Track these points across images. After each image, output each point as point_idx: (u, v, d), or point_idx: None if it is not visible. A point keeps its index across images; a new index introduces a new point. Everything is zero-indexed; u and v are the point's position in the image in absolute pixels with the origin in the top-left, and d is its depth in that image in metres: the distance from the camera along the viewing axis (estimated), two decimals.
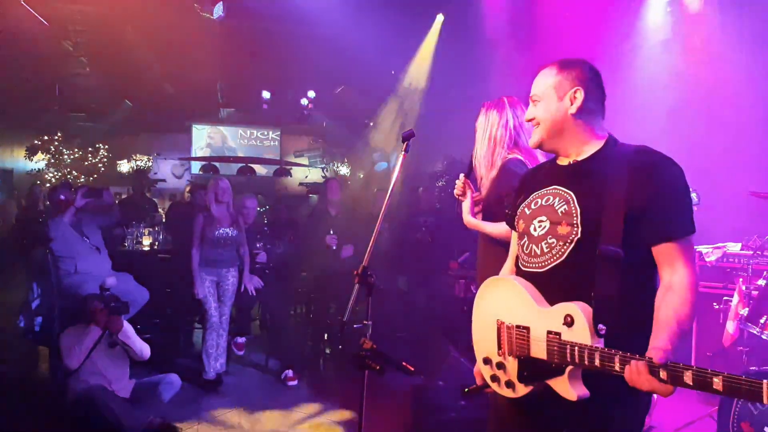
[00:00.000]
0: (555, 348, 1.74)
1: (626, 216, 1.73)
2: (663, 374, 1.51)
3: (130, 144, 11.90)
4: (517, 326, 1.86)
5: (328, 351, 5.99)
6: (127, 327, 4.11)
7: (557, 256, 1.83)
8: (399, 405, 4.42)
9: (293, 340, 5.71)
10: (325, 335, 5.91)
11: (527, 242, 1.94)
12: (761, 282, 3.73)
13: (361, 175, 11.54)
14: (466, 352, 4.31)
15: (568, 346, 1.69)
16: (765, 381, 1.34)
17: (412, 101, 9.61)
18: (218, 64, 9.20)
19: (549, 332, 1.76)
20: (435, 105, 9.14)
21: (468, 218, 2.97)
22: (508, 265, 2.19)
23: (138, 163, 11.32)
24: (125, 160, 11.56)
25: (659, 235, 1.75)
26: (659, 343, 1.62)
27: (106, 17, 7.90)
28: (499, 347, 1.93)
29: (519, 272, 1.98)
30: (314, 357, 5.87)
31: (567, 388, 1.72)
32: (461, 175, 3.03)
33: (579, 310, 1.69)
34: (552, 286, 1.84)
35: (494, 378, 1.95)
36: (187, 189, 7.75)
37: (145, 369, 4.54)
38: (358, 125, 11.44)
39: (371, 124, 11.34)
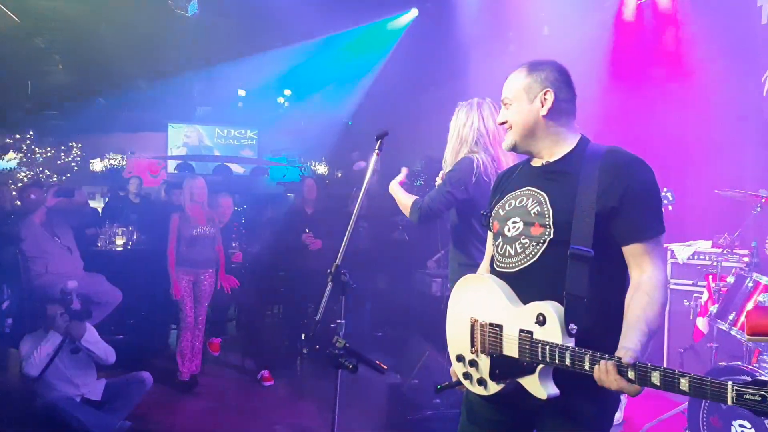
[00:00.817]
0: (527, 346, 1.75)
1: (597, 216, 1.76)
2: (631, 374, 1.54)
3: (104, 143, 11.71)
4: (491, 324, 1.88)
5: (305, 351, 5.97)
6: (90, 332, 3.99)
7: (530, 256, 1.86)
8: (375, 404, 4.42)
9: (270, 341, 5.69)
10: (303, 335, 5.89)
11: (501, 243, 1.96)
12: (730, 279, 3.79)
13: (339, 174, 11.50)
14: (443, 351, 4.34)
15: (540, 345, 1.71)
16: (730, 382, 1.36)
17: (392, 100, 9.60)
18: (193, 62, 9.11)
19: (521, 330, 1.77)
20: (414, 104, 9.15)
21: (392, 184, 3.15)
22: (484, 265, 2.21)
23: (111, 162, 11.14)
24: (98, 159, 11.37)
25: (629, 235, 1.77)
26: (628, 343, 1.63)
27: (78, 14, 7.77)
28: (473, 345, 1.94)
29: (494, 272, 1.99)
30: (291, 357, 5.84)
31: (538, 386, 1.74)
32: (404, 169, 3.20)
33: (551, 309, 1.72)
34: (525, 285, 1.86)
35: (467, 375, 1.96)
36: (162, 189, 7.65)
37: (119, 369, 4.46)
38: (337, 124, 11.40)
39: (350, 123, 11.31)
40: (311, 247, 5.82)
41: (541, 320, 1.72)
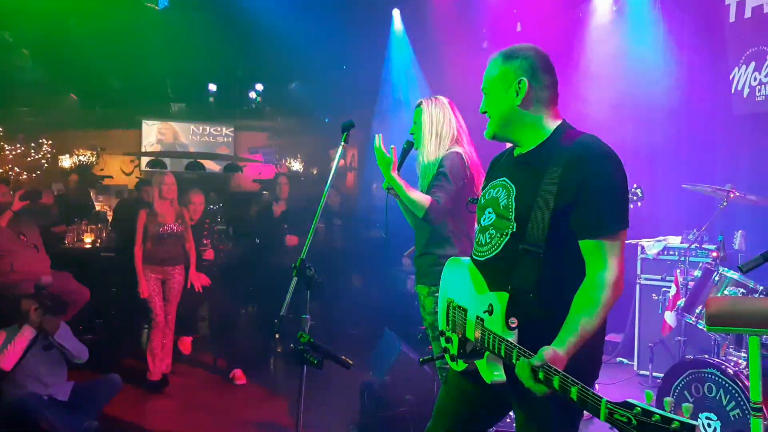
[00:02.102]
0: (479, 332, 1.83)
1: (554, 210, 1.74)
2: (540, 375, 1.57)
3: (75, 139, 11.52)
4: (460, 307, 1.97)
5: (279, 350, 5.92)
6: (64, 328, 3.94)
7: (495, 247, 1.88)
8: (346, 401, 4.39)
9: (242, 339, 5.62)
10: (276, 334, 5.84)
11: (478, 231, 2.00)
12: (697, 273, 3.84)
13: (315, 171, 11.46)
14: (415, 348, 4.33)
15: (487, 333, 1.78)
16: (604, 399, 1.40)
17: (368, 96, 9.58)
18: (166, 57, 8.98)
19: (477, 317, 1.85)
20: (390, 101, 9.14)
21: (391, 174, 2.92)
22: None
23: (81, 158, 10.94)
24: (67, 155, 11.17)
25: (583, 230, 1.74)
26: (556, 343, 1.65)
27: (48, 7, 7.61)
28: (447, 323, 2.06)
29: (471, 259, 2.04)
30: (264, 356, 5.79)
31: (485, 370, 1.83)
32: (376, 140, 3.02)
33: (497, 301, 1.76)
34: (489, 275, 1.90)
35: (445, 350, 2.10)
36: (134, 186, 7.54)
37: (87, 370, 4.38)
38: (313, 121, 11.35)
39: (327, 120, 11.27)
40: (288, 243, 5.76)
41: (490, 310, 1.79)
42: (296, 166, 12.55)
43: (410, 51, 8.35)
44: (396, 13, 8.47)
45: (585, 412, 1.50)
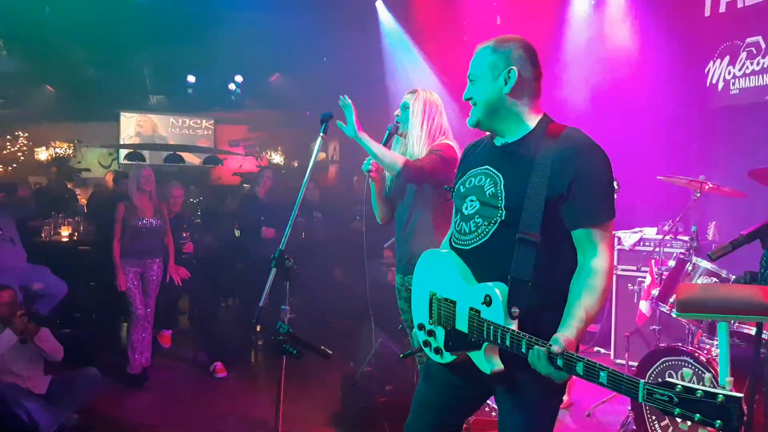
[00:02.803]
0: (475, 324, 1.82)
1: (547, 200, 1.77)
2: (560, 362, 1.60)
3: (52, 132, 11.33)
4: (446, 299, 1.95)
5: (260, 343, 5.91)
6: (43, 332, 3.90)
7: (482, 235, 1.89)
8: (327, 392, 4.41)
9: (223, 332, 5.60)
10: (258, 327, 5.82)
11: (459, 220, 1.99)
12: (671, 263, 3.90)
13: (296, 164, 11.41)
14: (397, 339, 4.35)
15: (486, 324, 1.78)
16: (642, 381, 1.43)
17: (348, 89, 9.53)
18: (144, 48, 8.86)
19: (471, 309, 1.84)
20: (370, 94, 9.11)
21: (360, 133, 2.94)
22: (448, 238, 2.22)
23: (58, 150, 10.77)
24: (44, 148, 10.99)
25: (576, 220, 1.79)
26: (564, 330, 1.69)
27: None
28: (430, 317, 2.03)
29: (452, 248, 2.02)
30: (245, 349, 5.78)
31: (483, 361, 1.82)
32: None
33: (496, 292, 1.77)
34: (477, 264, 1.91)
35: (426, 343, 2.07)
36: (111, 177, 7.43)
37: (65, 364, 4.33)
38: (294, 114, 11.28)
39: (308, 113, 11.20)
40: (264, 235, 5.75)
41: (488, 301, 1.78)
42: (277, 159, 12.49)
43: (394, 43, 8.34)
44: (380, 5, 8.44)
45: (564, 398, 1.54)
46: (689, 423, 3.15)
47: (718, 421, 1.32)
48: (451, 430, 2.14)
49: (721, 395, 1.31)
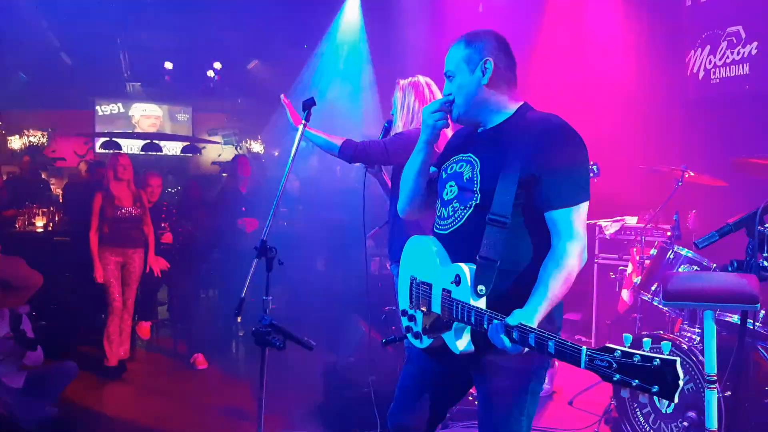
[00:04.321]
0: (446, 304, 1.86)
1: (519, 182, 1.79)
2: (515, 335, 1.62)
3: (25, 120, 11.05)
4: (423, 282, 2.00)
5: (240, 333, 5.85)
6: (28, 355, 3.84)
7: (458, 219, 1.93)
8: (310, 382, 4.38)
9: (203, 323, 5.53)
10: (238, 317, 5.75)
11: (439, 205, 2.03)
12: (653, 252, 3.92)
13: (276, 153, 11.28)
14: (378, 329, 4.33)
15: (455, 303, 1.81)
16: (584, 347, 1.43)
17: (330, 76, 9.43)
18: (120, 34, 8.66)
19: (443, 289, 1.88)
20: (353, 82, 9.04)
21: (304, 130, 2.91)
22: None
23: (31, 139, 10.52)
24: (17, 136, 10.72)
25: (548, 202, 1.81)
26: (527, 306, 1.72)
27: None
28: (411, 301, 2.07)
29: (433, 233, 2.06)
30: (226, 340, 5.71)
31: (453, 341, 1.85)
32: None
33: (465, 271, 1.80)
34: (453, 248, 1.94)
35: (408, 329, 2.11)
36: (84, 168, 7.27)
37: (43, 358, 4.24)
38: (273, 102, 11.14)
39: (282, 96, 11.07)
40: (248, 229, 5.67)
41: (457, 280, 1.82)
42: (257, 147, 12.35)
43: (370, 31, 8.26)
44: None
45: (545, 387, 1.52)
46: (670, 408, 3.20)
47: (655, 386, 1.31)
48: (434, 417, 2.13)
49: (657, 359, 1.31)
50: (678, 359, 1.32)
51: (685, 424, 3.10)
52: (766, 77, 4.81)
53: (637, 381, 1.33)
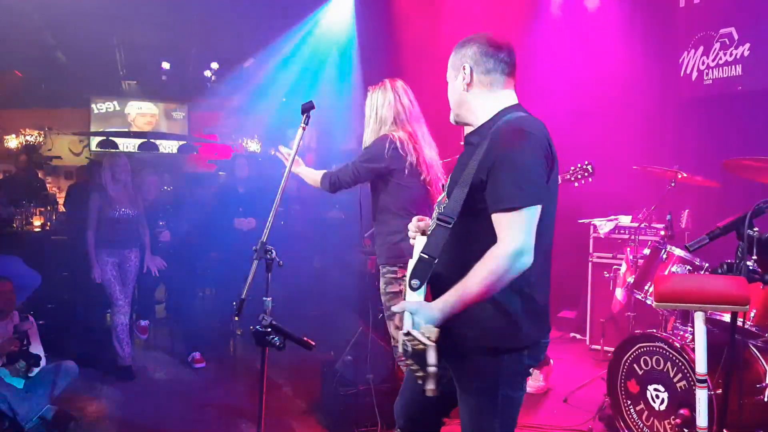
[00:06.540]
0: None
1: (471, 185, 1.84)
2: (397, 321, 1.75)
3: (20, 118, 11.01)
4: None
5: (239, 332, 5.88)
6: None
7: (434, 221, 2.03)
8: (308, 381, 4.42)
9: (201, 322, 5.55)
10: (236, 317, 5.78)
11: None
12: (646, 251, 3.97)
13: (272, 152, 11.28)
14: (376, 327, 4.37)
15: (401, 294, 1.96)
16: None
17: (325, 77, 9.44)
18: (116, 33, 8.64)
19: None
20: (347, 83, 9.04)
21: (297, 169, 3.41)
22: None
23: (28, 138, 10.49)
24: (13, 135, 10.68)
25: (489, 204, 1.81)
26: (435, 302, 1.80)
27: None
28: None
29: None
30: (224, 339, 5.74)
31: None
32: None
33: (409, 267, 1.92)
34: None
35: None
36: (83, 170, 7.26)
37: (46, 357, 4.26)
38: (269, 101, 11.12)
39: (284, 99, 11.06)
40: (245, 228, 5.70)
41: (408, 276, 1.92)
42: (253, 146, 12.34)
43: (364, 33, 8.26)
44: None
45: (540, 384, 1.55)
46: (663, 406, 3.26)
47: None
48: (436, 413, 2.21)
49: None
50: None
51: (678, 421, 3.16)
52: (759, 78, 4.85)
53: None
